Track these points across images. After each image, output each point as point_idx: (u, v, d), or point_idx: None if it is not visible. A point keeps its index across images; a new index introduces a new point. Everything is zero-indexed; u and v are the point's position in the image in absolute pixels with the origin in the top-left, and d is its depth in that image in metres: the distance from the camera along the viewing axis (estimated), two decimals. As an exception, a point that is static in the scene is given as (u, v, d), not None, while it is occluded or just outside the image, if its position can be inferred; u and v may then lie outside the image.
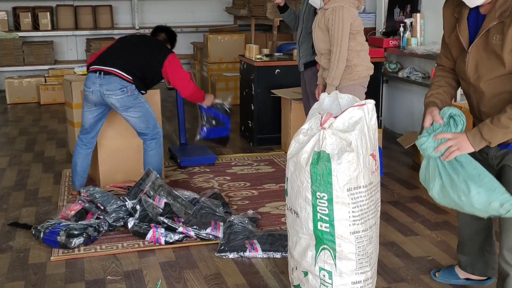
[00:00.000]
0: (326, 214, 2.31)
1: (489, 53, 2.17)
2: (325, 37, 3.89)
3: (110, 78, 3.90)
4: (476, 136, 2.21)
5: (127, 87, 3.92)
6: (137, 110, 4.00)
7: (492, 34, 2.15)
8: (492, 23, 2.14)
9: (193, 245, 3.49)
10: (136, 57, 4.06)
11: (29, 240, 3.58)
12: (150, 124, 4.08)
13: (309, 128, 2.37)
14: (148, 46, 4.20)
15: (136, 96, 3.98)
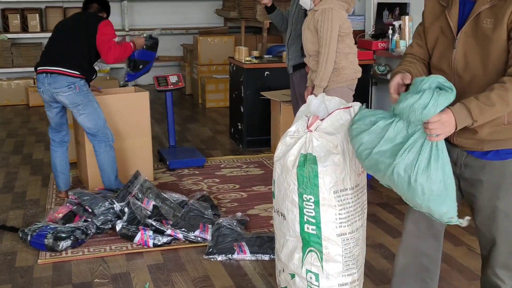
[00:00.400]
0: (313, 216, 2.31)
1: (479, 39, 2.04)
2: (313, 38, 3.90)
3: (56, 77, 3.92)
4: (461, 112, 1.92)
5: (74, 83, 3.92)
6: (85, 109, 3.97)
7: (483, 17, 2.03)
8: (484, 6, 2.03)
9: (181, 247, 3.48)
10: (75, 45, 4.02)
11: (16, 243, 3.56)
12: (98, 125, 4.04)
13: (296, 130, 2.38)
14: (81, 25, 4.12)
15: (86, 93, 3.98)
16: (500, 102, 1.90)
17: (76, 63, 3.95)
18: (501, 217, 2.12)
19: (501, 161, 2.09)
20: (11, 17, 8.30)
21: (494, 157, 2.09)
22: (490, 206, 2.12)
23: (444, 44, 2.16)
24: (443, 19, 2.17)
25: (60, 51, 4.03)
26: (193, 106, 7.80)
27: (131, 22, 8.87)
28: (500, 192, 2.10)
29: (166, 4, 9.09)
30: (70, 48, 4.01)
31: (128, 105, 4.43)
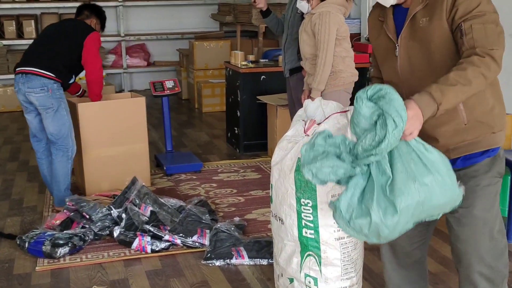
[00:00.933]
0: (311, 220, 2.31)
1: (419, 39, 2.01)
2: (310, 42, 3.91)
3: (31, 77, 3.93)
4: (423, 97, 1.82)
5: (47, 85, 3.92)
6: (54, 113, 3.96)
7: (419, 18, 2.01)
8: (418, 7, 2.02)
9: (179, 253, 3.48)
10: (56, 48, 4.05)
11: (14, 251, 3.55)
12: (61, 133, 4.00)
13: (293, 135, 2.38)
14: (66, 31, 4.15)
15: (58, 98, 3.97)
16: (460, 81, 1.83)
17: (52, 65, 3.96)
18: (481, 225, 2.07)
19: (471, 166, 2.05)
20: (7, 23, 8.29)
21: (464, 163, 2.05)
22: (469, 215, 2.06)
23: (389, 56, 2.14)
24: (383, 33, 2.16)
25: (38, 53, 4.06)
26: (190, 111, 7.80)
27: (126, 28, 8.87)
28: (476, 200, 2.05)
29: (162, 9, 9.10)
30: (49, 51, 4.03)
31: (124, 111, 4.42)
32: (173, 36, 8.98)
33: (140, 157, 4.52)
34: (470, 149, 2.03)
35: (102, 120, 4.28)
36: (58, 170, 4.05)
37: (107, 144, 4.35)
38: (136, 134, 4.48)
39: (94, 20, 4.32)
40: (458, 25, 1.92)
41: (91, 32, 4.11)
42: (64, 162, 4.05)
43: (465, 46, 1.91)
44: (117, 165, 4.37)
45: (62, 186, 4.08)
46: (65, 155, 4.04)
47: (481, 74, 1.85)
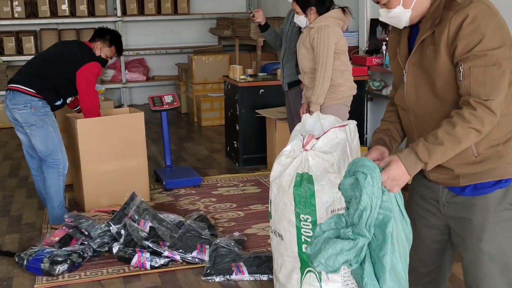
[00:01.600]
0: (311, 236, 2.30)
1: (425, 69, 1.89)
2: (309, 55, 3.92)
3: (16, 93, 3.94)
4: (410, 157, 1.79)
5: (31, 102, 3.92)
6: (38, 131, 3.95)
7: (427, 46, 1.88)
8: (426, 34, 1.88)
9: (179, 269, 3.45)
10: (47, 69, 4.03)
11: (13, 268, 3.53)
12: (49, 150, 3.98)
13: (292, 150, 2.37)
14: (64, 56, 4.13)
15: (41, 115, 3.95)
16: (448, 139, 1.76)
17: (37, 83, 3.96)
18: (486, 260, 1.95)
19: (481, 196, 1.92)
20: (6, 40, 8.30)
21: (474, 192, 1.93)
22: (475, 248, 1.95)
23: (400, 80, 2.02)
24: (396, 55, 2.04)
25: (28, 72, 4.08)
26: (189, 125, 7.80)
27: (126, 42, 8.82)
28: (484, 234, 1.93)
29: (160, 24, 9.13)
30: (38, 71, 4.03)
31: (123, 126, 4.40)
32: (172, 51, 9.00)
33: (139, 172, 4.50)
34: (481, 178, 1.91)
35: (101, 135, 4.26)
36: (50, 187, 4.03)
37: (106, 160, 4.32)
38: (135, 149, 4.46)
39: (100, 44, 4.24)
40: (458, 63, 1.80)
41: (86, 63, 4.06)
42: (55, 178, 4.01)
43: (462, 90, 1.80)
44: (116, 180, 4.34)
45: (56, 203, 4.05)
46: (56, 171, 4.01)
47: (472, 129, 1.76)
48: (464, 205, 1.94)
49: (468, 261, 1.99)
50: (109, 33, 4.32)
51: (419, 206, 2.08)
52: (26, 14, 8.32)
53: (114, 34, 4.36)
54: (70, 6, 8.45)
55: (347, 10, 3.96)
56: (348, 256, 1.77)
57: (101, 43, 4.25)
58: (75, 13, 8.47)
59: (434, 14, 1.86)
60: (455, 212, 1.97)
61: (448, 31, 1.80)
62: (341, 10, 3.94)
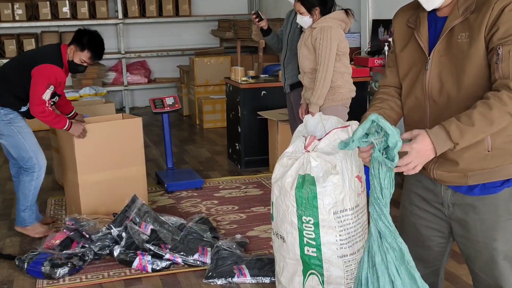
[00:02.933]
0: (313, 238, 2.27)
1: (454, 56, 1.86)
2: (310, 56, 3.90)
3: None
4: (439, 135, 1.73)
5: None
6: (7, 139, 3.87)
7: (457, 32, 1.85)
8: (457, 20, 1.85)
9: (180, 272, 3.43)
10: (8, 75, 3.88)
11: (13, 271, 3.51)
12: (22, 157, 3.90)
13: (293, 151, 2.34)
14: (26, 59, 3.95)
15: (7, 123, 3.83)
16: (482, 121, 1.72)
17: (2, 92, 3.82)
18: (501, 259, 1.92)
19: (491, 195, 1.90)
20: (7, 42, 8.30)
21: (482, 192, 1.90)
22: (488, 249, 1.92)
23: (417, 67, 1.97)
24: (413, 41, 1.99)
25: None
26: (191, 127, 7.78)
27: (127, 45, 8.89)
28: (497, 233, 1.91)
29: (162, 26, 9.12)
30: (4, 77, 3.89)
31: (119, 133, 4.23)
32: (173, 53, 8.99)
33: (137, 181, 4.33)
34: (490, 178, 1.89)
35: (98, 142, 4.11)
36: (19, 190, 3.98)
37: (103, 168, 4.17)
38: (133, 156, 4.30)
39: (73, 48, 3.95)
40: (495, 47, 1.77)
41: (41, 64, 3.79)
42: (27, 182, 3.94)
43: (498, 74, 1.77)
44: (113, 189, 4.20)
45: (22, 206, 3.98)
46: (30, 175, 3.93)
47: (508, 113, 1.74)
48: (472, 206, 1.91)
49: (484, 262, 1.95)
50: (88, 36, 3.99)
51: (418, 208, 2.05)
52: (27, 16, 8.31)
53: (93, 37, 4.00)
54: (71, 8, 8.45)
55: (350, 12, 3.94)
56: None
57: (74, 47, 3.94)
58: (76, 15, 8.47)
59: (467, 1, 1.86)
60: (463, 214, 1.94)
61: (490, 15, 1.79)
62: (344, 11, 3.92)
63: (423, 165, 1.76)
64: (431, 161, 1.87)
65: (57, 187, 5.12)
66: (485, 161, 1.86)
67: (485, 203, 1.90)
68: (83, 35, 4.00)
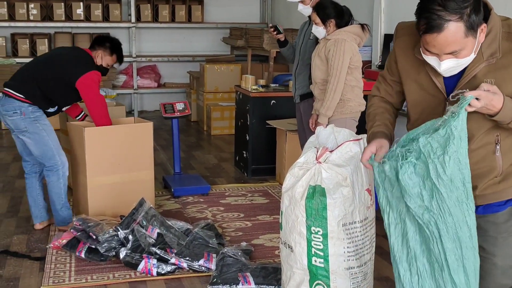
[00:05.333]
0: (321, 249, 2.29)
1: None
2: (322, 66, 3.94)
3: (7, 99, 3.89)
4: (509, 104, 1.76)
5: (21, 108, 3.85)
6: (31, 136, 3.89)
7: (481, 78, 1.81)
8: (480, 66, 1.81)
9: (185, 276, 3.45)
10: (40, 75, 3.93)
11: (20, 269, 3.54)
12: (46, 155, 3.92)
13: (305, 161, 2.37)
14: (60, 64, 4.02)
15: (33, 120, 3.88)
16: None
17: (27, 89, 3.88)
18: (498, 275, 2.01)
19: (493, 214, 1.97)
20: (20, 41, 8.37)
21: (485, 211, 1.97)
22: (488, 263, 1.99)
23: (432, 103, 1.94)
24: (423, 76, 1.92)
25: (21, 76, 4.00)
26: (198, 133, 7.82)
27: (138, 49, 8.95)
28: (496, 249, 1.98)
29: (173, 32, 9.18)
30: (31, 76, 3.94)
31: (131, 136, 4.26)
32: (184, 59, 9.04)
33: (145, 184, 4.34)
34: (496, 198, 1.95)
35: (109, 145, 4.14)
36: (51, 190, 4.01)
37: (112, 171, 4.20)
38: (142, 160, 4.32)
39: (100, 52, 4.12)
40: None
41: (86, 72, 3.94)
42: (55, 182, 3.98)
43: None
44: (121, 191, 4.22)
45: (58, 206, 4.03)
46: (56, 174, 3.97)
47: None
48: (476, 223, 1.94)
49: (484, 271, 2.01)
50: (109, 41, 4.19)
51: None
52: (41, 17, 8.39)
53: (114, 42, 4.23)
54: (85, 10, 8.52)
55: (366, 27, 3.98)
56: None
57: (102, 52, 4.12)
58: (90, 17, 8.53)
59: (492, 46, 1.82)
60: None
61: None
62: (360, 26, 3.96)
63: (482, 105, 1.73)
64: None
65: (65, 187, 5.15)
66: (495, 185, 1.94)
67: (487, 221, 1.97)
68: (104, 41, 4.16)
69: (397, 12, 5.85)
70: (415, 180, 1.80)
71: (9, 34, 8.47)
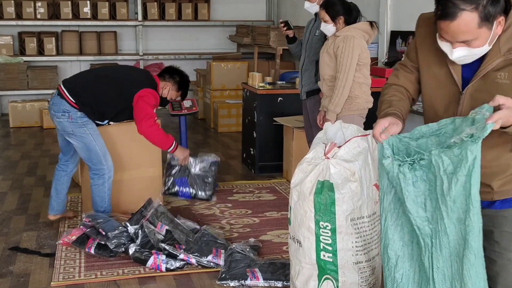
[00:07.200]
0: (329, 244, 2.31)
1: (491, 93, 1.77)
2: (331, 63, 3.95)
3: (58, 99, 3.86)
4: None
5: (70, 112, 3.81)
6: (77, 140, 3.87)
7: (496, 71, 1.80)
8: (497, 60, 1.80)
9: (194, 272, 3.47)
10: (98, 87, 3.92)
11: (30, 265, 3.57)
12: (93, 159, 3.91)
13: (313, 157, 2.38)
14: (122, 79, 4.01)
15: (80, 125, 3.84)
16: None
17: (80, 97, 3.84)
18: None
19: (509, 209, 1.96)
20: (28, 40, 8.42)
21: (503, 205, 1.96)
22: (503, 259, 1.98)
23: (447, 94, 1.94)
24: (442, 67, 1.93)
25: (81, 81, 3.96)
26: (205, 130, 7.84)
27: (145, 47, 8.99)
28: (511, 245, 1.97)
29: (180, 30, 9.20)
30: (92, 85, 3.92)
31: (137, 134, 4.15)
32: (190, 56, 9.07)
33: (154, 180, 4.38)
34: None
35: (117, 143, 4.18)
36: (94, 193, 4.01)
37: (121, 168, 4.22)
38: (150, 157, 4.35)
39: (169, 85, 4.12)
40: None
41: (142, 88, 3.90)
42: (100, 186, 3.97)
43: None
44: (130, 188, 4.26)
45: (100, 209, 4.03)
46: (101, 178, 3.96)
47: None
48: (491, 217, 1.96)
49: (499, 267, 2.01)
50: (179, 76, 4.18)
51: None
52: (48, 15, 8.44)
53: (184, 78, 4.22)
54: (92, 9, 8.56)
55: (374, 24, 3.99)
56: None
57: (171, 85, 4.12)
58: (97, 16, 8.58)
59: (510, 42, 1.80)
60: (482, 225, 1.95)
61: None
62: (369, 23, 3.97)
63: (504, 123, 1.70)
64: None
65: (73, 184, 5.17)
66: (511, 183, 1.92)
67: (504, 216, 1.96)
68: (176, 74, 4.17)
69: (403, 9, 5.86)
70: (422, 189, 1.81)
71: (16, 32, 8.52)
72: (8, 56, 8.28)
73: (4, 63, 8.14)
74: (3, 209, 4.60)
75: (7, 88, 8.21)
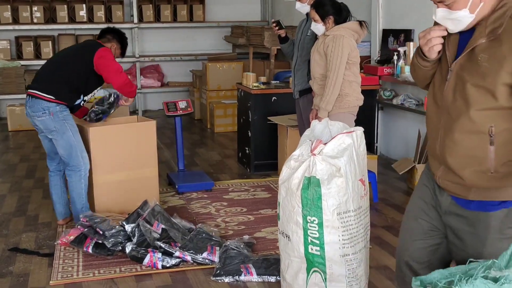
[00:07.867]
0: (317, 237, 2.38)
1: (472, 74, 1.81)
2: (321, 62, 4.02)
3: (34, 100, 3.98)
4: None
5: (49, 108, 3.95)
6: (59, 136, 3.99)
7: (478, 52, 1.81)
8: (480, 40, 1.80)
9: (189, 269, 3.55)
10: (61, 71, 4.07)
11: (29, 265, 3.64)
12: (70, 154, 4.01)
13: (300, 154, 2.46)
14: (74, 51, 4.21)
15: (60, 120, 3.98)
16: None
17: (53, 88, 3.99)
18: None
19: (485, 213, 1.91)
20: (25, 44, 8.50)
21: (479, 208, 1.92)
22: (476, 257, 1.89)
23: (441, 76, 1.96)
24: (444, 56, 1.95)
25: (43, 76, 4.11)
26: (202, 130, 7.91)
27: (141, 49, 9.05)
28: (484, 248, 1.93)
29: (176, 31, 9.28)
30: (53, 74, 4.07)
31: (134, 135, 4.36)
32: (186, 58, 9.15)
33: (150, 181, 4.45)
34: (490, 196, 1.90)
35: (113, 144, 4.25)
36: (73, 190, 4.11)
37: (117, 169, 4.30)
38: (146, 158, 4.42)
39: (114, 44, 4.31)
40: None
41: (98, 48, 4.09)
42: (77, 182, 4.08)
43: None
44: (127, 190, 4.32)
45: (78, 206, 4.12)
46: (77, 174, 4.06)
47: None
48: (467, 219, 1.95)
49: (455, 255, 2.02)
50: (117, 34, 4.36)
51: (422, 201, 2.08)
52: (45, 19, 8.51)
53: (121, 33, 4.39)
54: (88, 12, 8.63)
55: (364, 24, 4.06)
56: None
57: (116, 42, 4.32)
58: (93, 19, 8.65)
59: (497, 22, 1.80)
60: (457, 223, 1.98)
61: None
62: (358, 23, 4.04)
63: None
64: (439, 170, 1.94)
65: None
66: (489, 181, 1.88)
67: (479, 218, 1.93)
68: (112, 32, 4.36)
69: (395, 8, 5.93)
70: None
71: (13, 37, 8.59)
72: (6, 60, 8.35)
73: (2, 67, 8.21)
74: (3, 211, 4.67)
75: (5, 92, 8.29)
